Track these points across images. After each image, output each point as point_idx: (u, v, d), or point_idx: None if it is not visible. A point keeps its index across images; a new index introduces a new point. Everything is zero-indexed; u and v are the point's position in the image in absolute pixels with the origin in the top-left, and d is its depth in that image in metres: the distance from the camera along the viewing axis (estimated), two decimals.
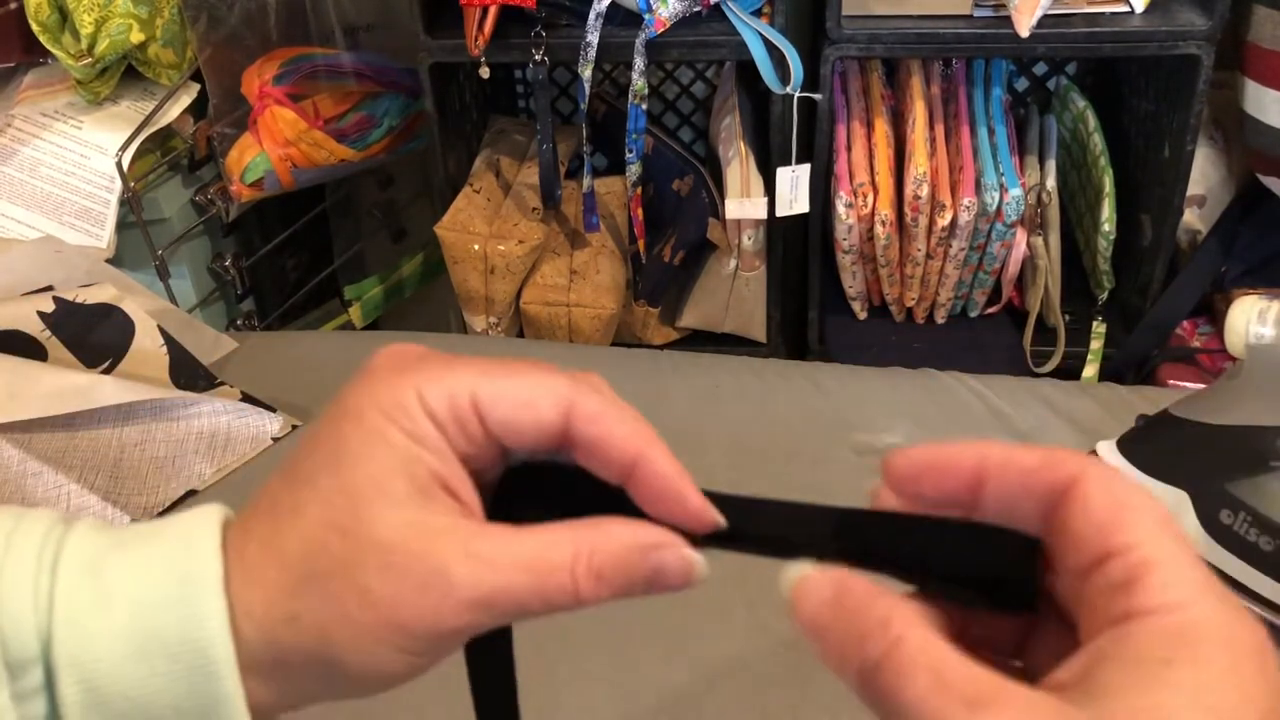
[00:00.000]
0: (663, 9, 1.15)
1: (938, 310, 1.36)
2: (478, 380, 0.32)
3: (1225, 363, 1.24)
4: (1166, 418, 0.80)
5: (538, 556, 0.31)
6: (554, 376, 0.33)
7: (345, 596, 0.30)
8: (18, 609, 0.31)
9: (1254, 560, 0.73)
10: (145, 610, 0.31)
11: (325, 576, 0.31)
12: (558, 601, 0.31)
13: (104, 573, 0.31)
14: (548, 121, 1.23)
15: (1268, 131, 1.16)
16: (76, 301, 1.01)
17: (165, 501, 0.88)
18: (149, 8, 1.23)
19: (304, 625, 0.31)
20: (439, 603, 0.30)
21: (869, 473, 0.90)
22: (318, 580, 0.31)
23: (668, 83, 1.58)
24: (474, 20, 1.17)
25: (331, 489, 0.31)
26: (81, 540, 0.33)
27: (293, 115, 1.28)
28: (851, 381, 1.00)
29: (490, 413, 0.32)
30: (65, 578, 0.31)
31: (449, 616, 0.30)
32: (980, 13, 1.17)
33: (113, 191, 1.25)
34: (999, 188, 1.20)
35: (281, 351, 1.09)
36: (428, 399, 0.32)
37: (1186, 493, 0.77)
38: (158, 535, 0.33)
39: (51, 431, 0.92)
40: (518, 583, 0.30)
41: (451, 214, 1.29)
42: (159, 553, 0.32)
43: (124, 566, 0.32)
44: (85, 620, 0.31)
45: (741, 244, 1.32)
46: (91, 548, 0.32)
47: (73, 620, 0.31)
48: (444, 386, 0.32)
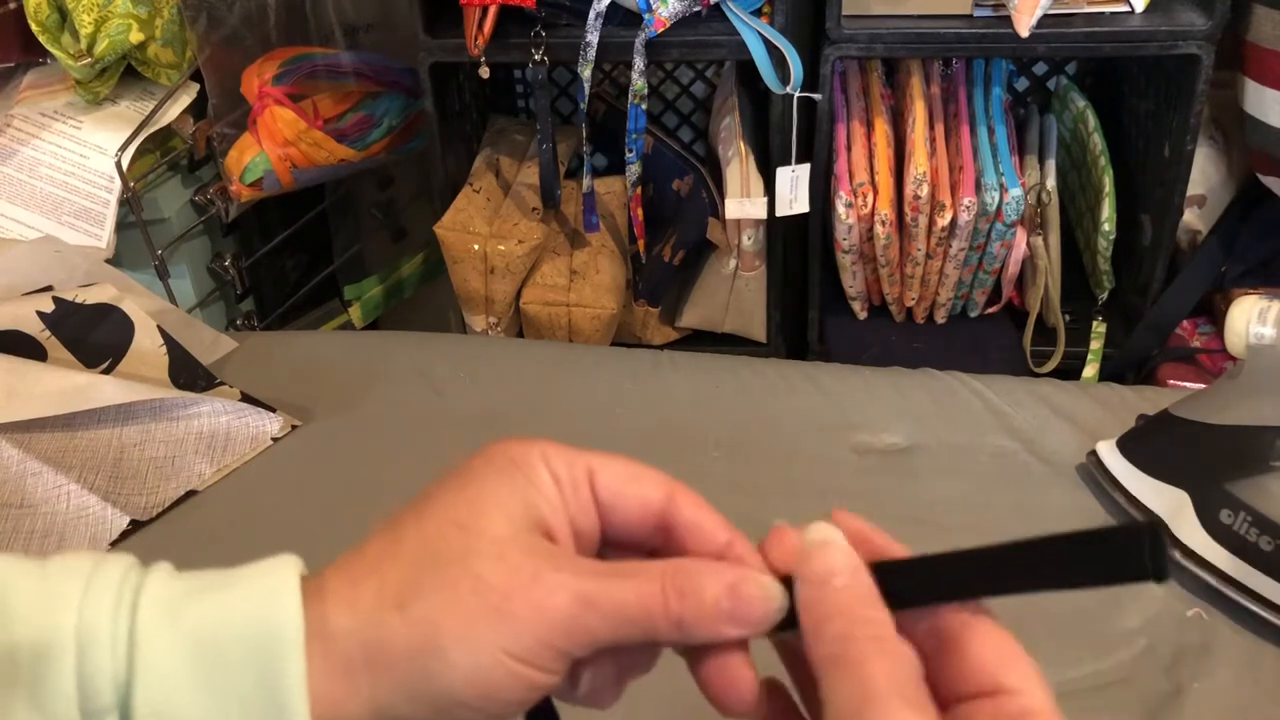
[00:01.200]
0: (663, 9, 1.15)
1: (938, 310, 1.35)
2: (595, 457, 0.36)
3: (1225, 363, 1.24)
4: (1166, 418, 0.80)
5: (633, 571, 0.33)
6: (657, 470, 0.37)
7: (459, 581, 0.32)
8: (96, 656, 0.31)
9: (1254, 560, 0.73)
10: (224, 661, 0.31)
11: (442, 564, 0.32)
12: (653, 610, 0.32)
13: (182, 620, 0.32)
14: (548, 121, 1.23)
15: (1268, 131, 1.16)
16: (76, 301, 1.01)
17: (165, 501, 0.88)
18: (149, 8, 1.23)
19: (414, 612, 0.32)
20: (550, 594, 0.32)
21: (869, 473, 0.90)
22: (433, 567, 0.32)
23: (668, 83, 1.58)
24: (474, 20, 1.17)
25: (455, 500, 0.34)
26: (159, 586, 0.33)
27: (292, 115, 1.28)
28: (851, 381, 1.00)
29: (603, 483, 0.35)
30: (144, 625, 0.31)
31: (557, 608, 0.32)
32: (980, 13, 1.17)
33: (112, 191, 1.25)
34: (999, 188, 1.20)
35: (281, 351, 1.09)
36: (551, 460, 0.35)
37: (1186, 493, 0.77)
38: (237, 583, 0.33)
39: (51, 431, 0.92)
40: (616, 586, 0.32)
41: (451, 214, 1.29)
42: (239, 600, 0.32)
43: (203, 614, 0.32)
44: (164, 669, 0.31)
45: (741, 244, 1.32)
46: (170, 593, 0.33)
47: (151, 667, 0.31)
48: (566, 455, 0.35)
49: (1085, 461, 0.86)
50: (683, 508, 0.35)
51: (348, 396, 1.00)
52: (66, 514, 0.86)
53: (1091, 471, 0.85)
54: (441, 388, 1.02)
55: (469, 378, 1.03)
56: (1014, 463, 0.89)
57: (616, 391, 0.99)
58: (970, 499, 0.86)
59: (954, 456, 0.90)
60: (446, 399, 1.00)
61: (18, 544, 0.84)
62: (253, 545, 0.93)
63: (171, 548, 0.85)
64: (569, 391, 1.00)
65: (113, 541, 0.85)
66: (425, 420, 0.98)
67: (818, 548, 0.33)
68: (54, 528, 0.85)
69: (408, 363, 1.05)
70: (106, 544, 0.84)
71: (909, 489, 0.87)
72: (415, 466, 0.94)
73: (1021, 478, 0.88)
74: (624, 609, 0.32)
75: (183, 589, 0.33)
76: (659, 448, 0.91)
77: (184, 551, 0.85)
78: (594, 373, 1.03)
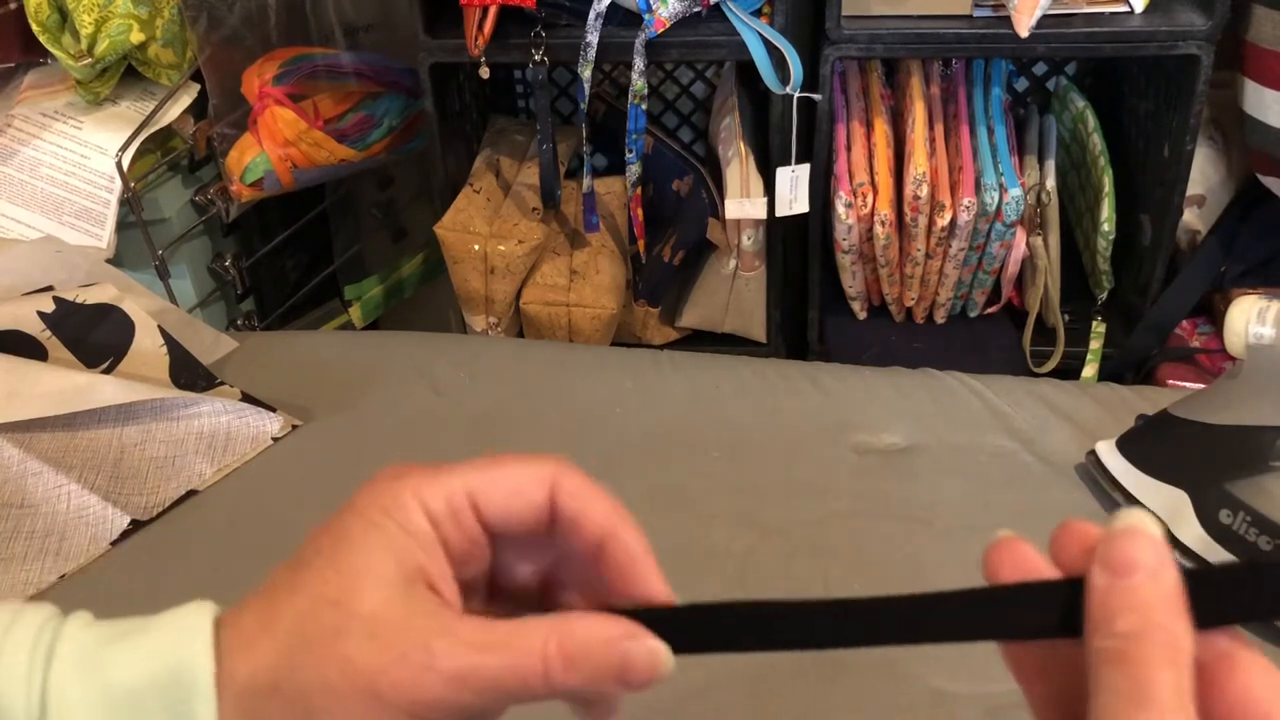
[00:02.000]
0: (663, 9, 1.15)
1: (937, 310, 1.36)
2: (470, 476, 0.35)
3: (1225, 363, 1.24)
4: (1166, 418, 0.80)
5: (512, 639, 0.32)
6: (537, 461, 0.36)
7: (328, 664, 0.32)
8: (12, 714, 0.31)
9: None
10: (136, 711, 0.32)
11: (312, 644, 0.32)
12: (531, 683, 0.32)
13: (98, 669, 0.32)
14: (548, 121, 1.23)
15: (1268, 131, 1.16)
16: (76, 301, 1.01)
17: (165, 501, 0.88)
18: (149, 8, 1.23)
19: (286, 695, 0.32)
20: (417, 676, 0.31)
21: (869, 473, 0.90)
22: (304, 648, 0.32)
23: (668, 83, 1.58)
24: (474, 20, 1.17)
25: (327, 568, 0.33)
26: (74, 638, 0.33)
27: (293, 115, 1.28)
28: (851, 381, 1.00)
29: (486, 505, 0.35)
30: (58, 675, 0.32)
31: (425, 689, 0.31)
32: (980, 13, 1.18)
33: (113, 191, 1.25)
34: (998, 188, 1.20)
35: (281, 351, 1.09)
36: (425, 498, 0.34)
37: (1186, 493, 0.77)
38: (150, 631, 0.33)
39: (52, 431, 0.92)
40: (492, 662, 0.32)
41: (451, 214, 1.29)
42: (152, 650, 0.33)
43: (115, 664, 0.32)
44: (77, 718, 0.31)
45: (741, 244, 1.32)
46: (84, 645, 0.33)
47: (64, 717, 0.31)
48: (440, 486, 0.34)
49: (1084, 461, 0.86)
50: (566, 499, 0.35)
51: (348, 396, 1.01)
52: (67, 514, 0.86)
53: (1091, 471, 0.85)
54: (441, 388, 1.02)
55: (469, 378, 1.03)
56: (1014, 463, 0.90)
57: (616, 391, 0.99)
58: (970, 499, 0.86)
59: (954, 456, 0.90)
60: (446, 399, 1.00)
61: (18, 544, 0.84)
62: (253, 545, 0.93)
63: (172, 547, 0.85)
64: (569, 391, 1.00)
65: (113, 541, 0.85)
66: (425, 420, 0.98)
67: (1123, 535, 0.30)
68: (54, 528, 0.85)
69: (408, 363, 1.05)
70: (107, 543, 0.85)
71: (909, 489, 0.87)
72: None
73: (1021, 478, 0.88)
74: (499, 683, 0.32)
75: (96, 639, 0.33)
76: (659, 448, 0.91)
77: (184, 551, 0.85)
78: (594, 373, 1.03)
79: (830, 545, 0.81)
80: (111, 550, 0.85)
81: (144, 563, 0.84)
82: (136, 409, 0.94)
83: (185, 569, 0.84)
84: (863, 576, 0.78)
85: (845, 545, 0.81)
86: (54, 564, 0.83)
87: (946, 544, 0.81)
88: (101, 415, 0.94)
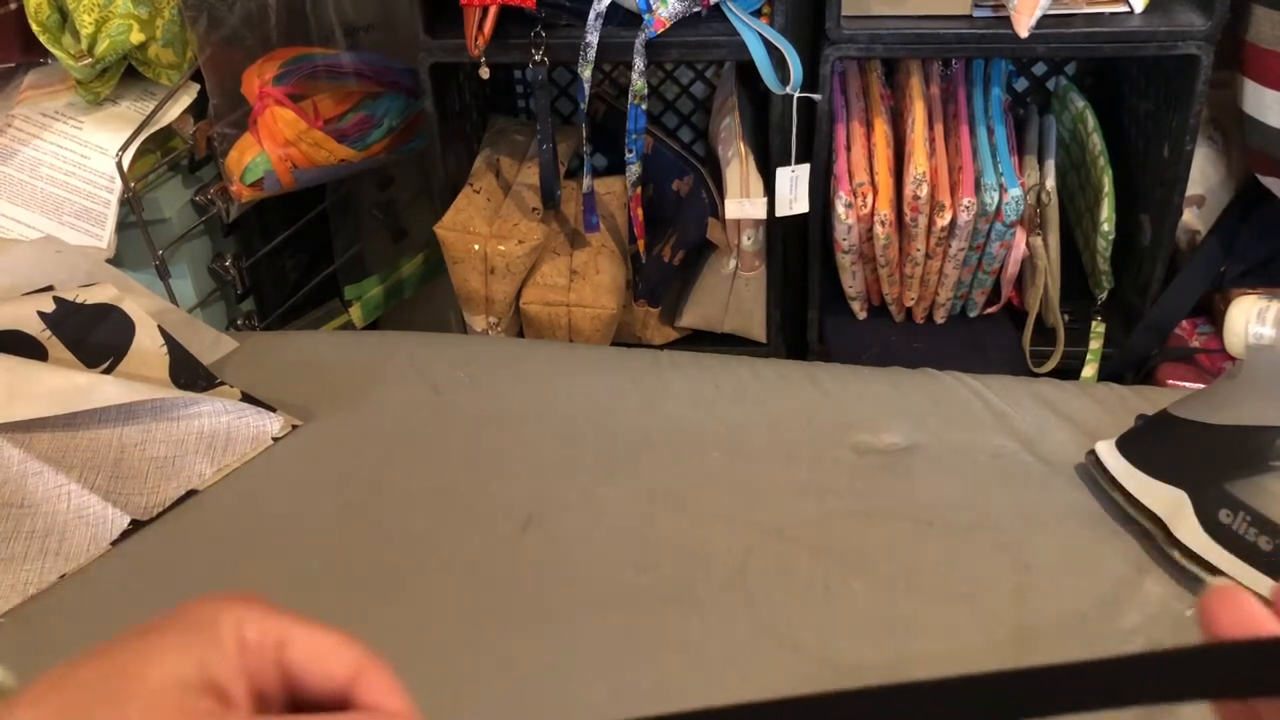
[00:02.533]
0: (662, 9, 1.15)
1: (937, 310, 1.36)
2: (292, 628, 0.36)
3: (1225, 363, 1.24)
4: (1166, 418, 0.80)
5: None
6: (355, 646, 0.37)
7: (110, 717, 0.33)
8: None
9: (1254, 560, 0.73)
10: None
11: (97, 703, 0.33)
12: None
13: None
14: (548, 121, 1.23)
15: (1267, 131, 1.16)
16: (76, 301, 1.01)
17: (165, 501, 0.88)
18: (149, 8, 1.23)
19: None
20: None
21: (869, 473, 0.91)
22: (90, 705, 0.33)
23: (668, 83, 1.58)
24: (474, 20, 1.17)
25: (129, 650, 0.35)
26: None
27: (293, 115, 1.28)
28: (851, 381, 1.00)
29: (291, 657, 0.36)
30: None
31: None
32: (980, 13, 1.18)
33: (113, 191, 1.25)
34: (998, 188, 1.20)
35: (281, 351, 1.09)
36: (245, 624, 0.36)
37: (1186, 493, 0.77)
38: None
39: (52, 431, 0.92)
40: None
41: (451, 214, 1.29)
42: None
43: None
44: None
45: (741, 244, 1.32)
46: None
47: None
48: (263, 622, 0.36)
49: (1084, 461, 0.86)
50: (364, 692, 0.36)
51: (348, 396, 1.01)
52: (67, 514, 0.86)
53: (1091, 471, 0.85)
54: (441, 388, 1.02)
55: (469, 378, 1.03)
56: (1013, 462, 0.90)
57: (616, 391, 0.99)
58: (970, 499, 0.86)
59: (954, 456, 0.90)
60: (446, 399, 1.00)
61: (18, 544, 0.84)
62: (253, 545, 0.93)
63: (172, 547, 0.86)
64: (569, 391, 1.00)
65: (113, 541, 0.85)
66: (425, 420, 0.98)
67: None
68: (54, 527, 0.85)
69: (408, 363, 1.05)
70: (107, 543, 0.85)
71: (909, 489, 0.87)
72: (415, 466, 0.94)
73: (1021, 477, 0.88)
74: None
75: None
76: (659, 448, 0.91)
77: (184, 551, 0.86)
78: (594, 373, 1.03)
79: (830, 545, 0.81)
80: (111, 550, 0.85)
81: (144, 563, 0.84)
82: (137, 409, 0.94)
83: (185, 569, 0.84)
84: (863, 576, 0.78)
85: (845, 545, 0.81)
86: (54, 564, 0.83)
87: (946, 544, 0.81)
88: (102, 415, 0.94)
